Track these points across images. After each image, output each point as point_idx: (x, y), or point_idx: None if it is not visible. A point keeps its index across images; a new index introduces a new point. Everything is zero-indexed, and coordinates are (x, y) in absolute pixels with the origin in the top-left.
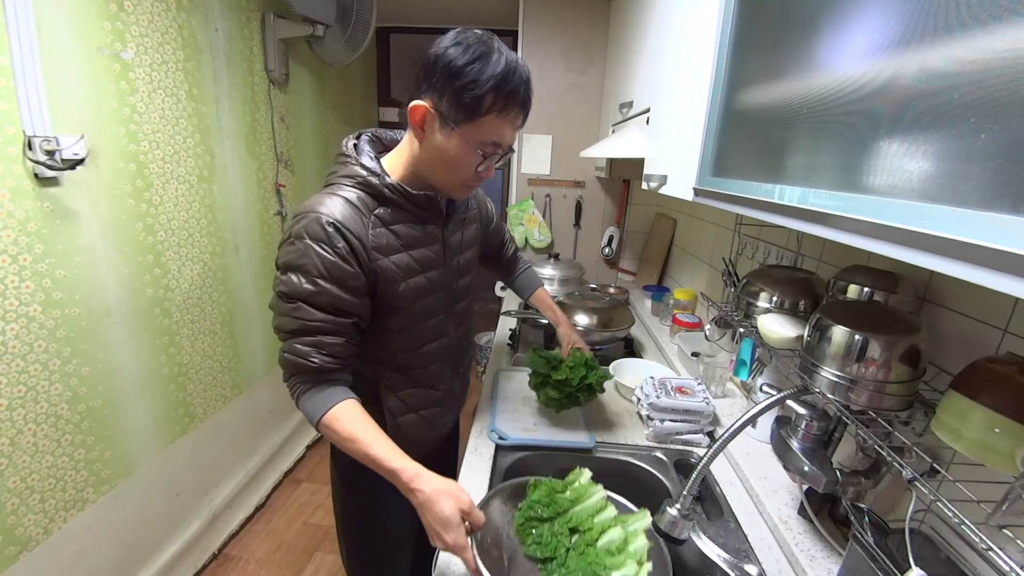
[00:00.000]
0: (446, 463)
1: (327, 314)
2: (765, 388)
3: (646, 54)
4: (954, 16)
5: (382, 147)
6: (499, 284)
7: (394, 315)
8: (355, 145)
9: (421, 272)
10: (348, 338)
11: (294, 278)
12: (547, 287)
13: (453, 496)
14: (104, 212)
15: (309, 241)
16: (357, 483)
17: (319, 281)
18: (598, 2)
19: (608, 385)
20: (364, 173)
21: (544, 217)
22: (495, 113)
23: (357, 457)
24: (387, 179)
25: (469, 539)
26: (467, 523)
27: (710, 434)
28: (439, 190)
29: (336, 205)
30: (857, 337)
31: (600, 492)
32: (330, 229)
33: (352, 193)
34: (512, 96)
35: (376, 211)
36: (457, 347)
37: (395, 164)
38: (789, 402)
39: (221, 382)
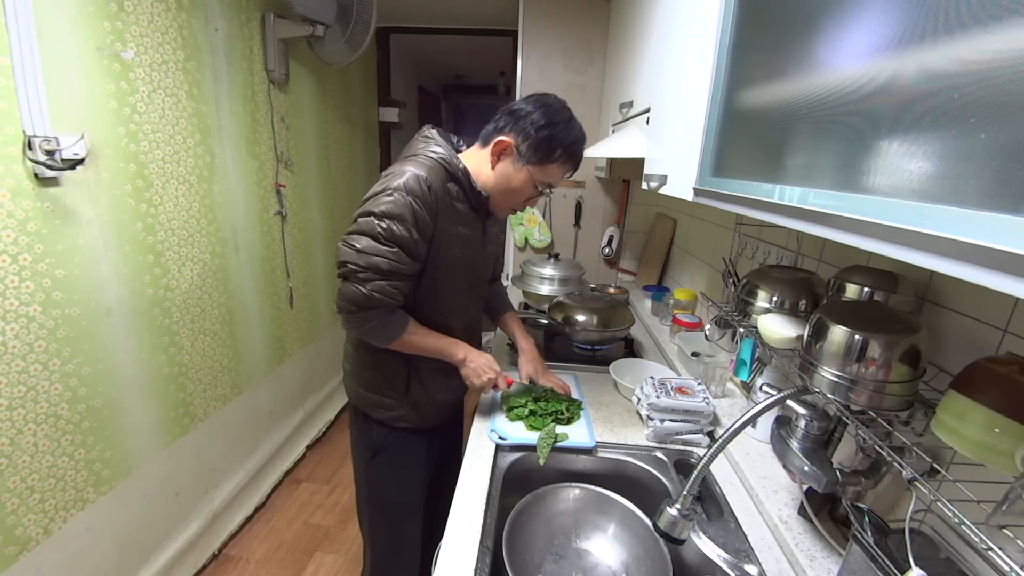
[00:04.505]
0: (453, 445)
1: (413, 259)
2: (765, 388)
3: (646, 54)
4: (954, 16)
5: (448, 141)
6: None
7: (434, 275)
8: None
9: (462, 246)
10: (412, 281)
11: (395, 226)
12: (547, 287)
13: (490, 357)
14: (104, 212)
15: (408, 195)
16: (380, 450)
17: (413, 231)
18: (598, 2)
19: (608, 385)
20: (446, 153)
21: (544, 217)
22: (558, 163)
23: (426, 349)
24: (461, 164)
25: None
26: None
27: (710, 434)
28: (490, 206)
29: (427, 170)
30: (857, 337)
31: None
32: (425, 186)
33: (435, 164)
34: (574, 156)
35: (448, 184)
36: (474, 321)
37: (464, 164)
38: (789, 402)
39: (221, 382)
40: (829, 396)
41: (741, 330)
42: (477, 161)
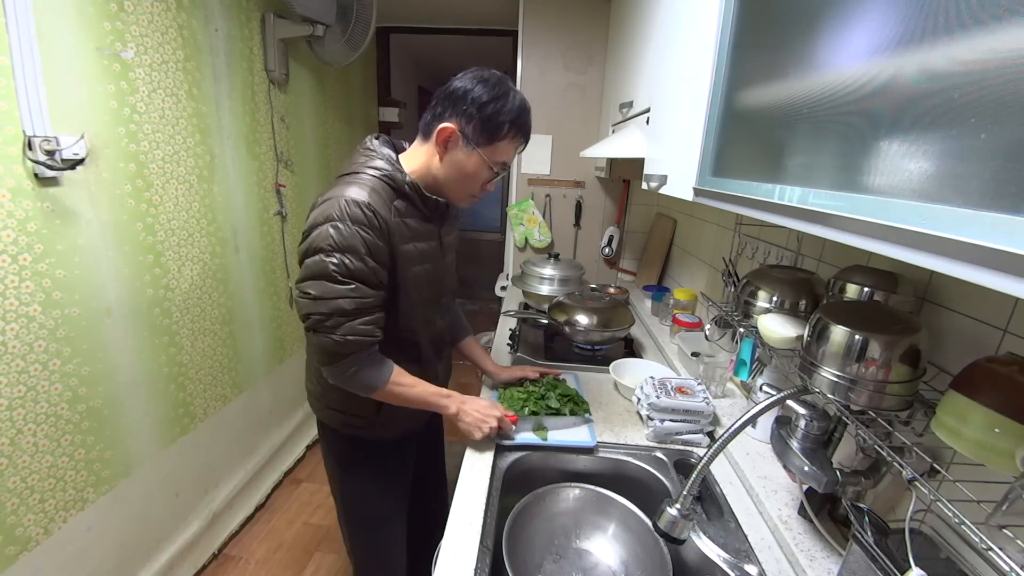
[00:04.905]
0: (430, 449)
1: (376, 290)
2: (765, 388)
3: (646, 54)
4: (954, 16)
5: (393, 149)
6: (499, 284)
7: (395, 297)
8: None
9: (422, 263)
10: (383, 311)
11: (347, 259)
12: (547, 287)
13: (487, 400)
14: (104, 212)
15: (352, 224)
16: (353, 464)
17: (368, 260)
18: (598, 2)
19: (608, 385)
20: (389, 168)
21: (544, 217)
22: (508, 139)
23: (412, 402)
24: (408, 177)
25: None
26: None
27: (710, 434)
28: (448, 199)
29: (367, 192)
30: (857, 337)
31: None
32: (368, 212)
33: (378, 183)
34: (523, 127)
35: (395, 202)
36: (441, 335)
37: (409, 167)
38: (789, 402)
39: (221, 382)
40: (829, 396)
41: (741, 330)
42: (423, 157)
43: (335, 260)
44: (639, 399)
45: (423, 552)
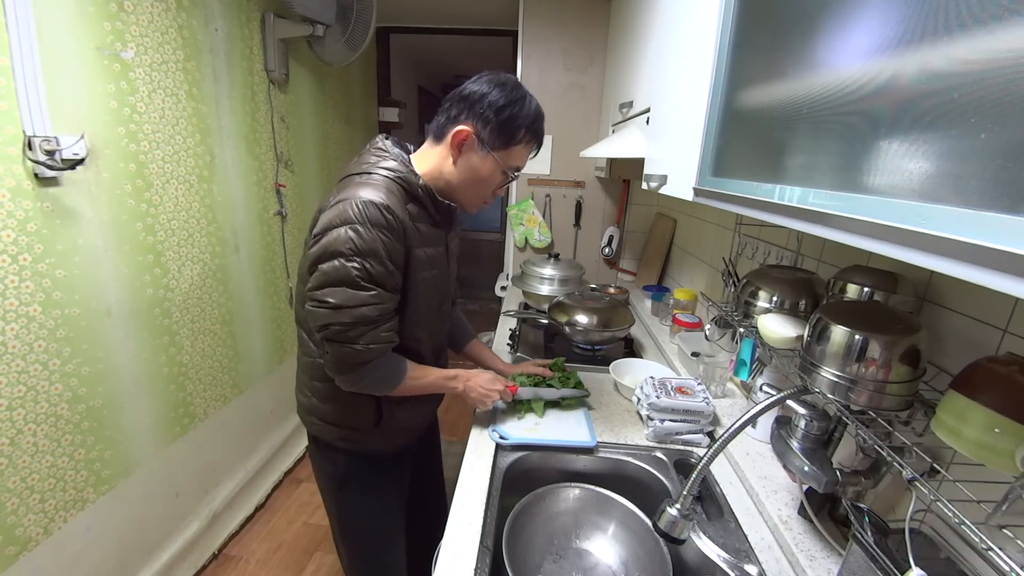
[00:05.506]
0: (430, 452)
1: (394, 294)
2: (765, 388)
3: (646, 54)
4: (954, 16)
5: (403, 150)
6: (499, 284)
7: (404, 304)
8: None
9: (430, 268)
10: (398, 314)
11: (368, 264)
12: (547, 287)
13: (488, 373)
14: (104, 212)
15: (372, 227)
16: (349, 479)
17: (387, 263)
18: (598, 2)
19: (608, 385)
20: (404, 170)
21: (544, 217)
22: (524, 144)
23: (424, 390)
24: (421, 181)
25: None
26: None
27: (710, 434)
28: (458, 203)
29: (383, 193)
30: (857, 337)
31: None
32: (388, 215)
33: (393, 185)
34: (538, 133)
35: (408, 205)
36: (442, 342)
37: (420, 170)
38: (789, 402)
39: (221, 382)
40: (829, 396)
41: (741, 330)
42: (435, 159)
43: (357, 265)
44: (639, 399)
45: (422, 558)
